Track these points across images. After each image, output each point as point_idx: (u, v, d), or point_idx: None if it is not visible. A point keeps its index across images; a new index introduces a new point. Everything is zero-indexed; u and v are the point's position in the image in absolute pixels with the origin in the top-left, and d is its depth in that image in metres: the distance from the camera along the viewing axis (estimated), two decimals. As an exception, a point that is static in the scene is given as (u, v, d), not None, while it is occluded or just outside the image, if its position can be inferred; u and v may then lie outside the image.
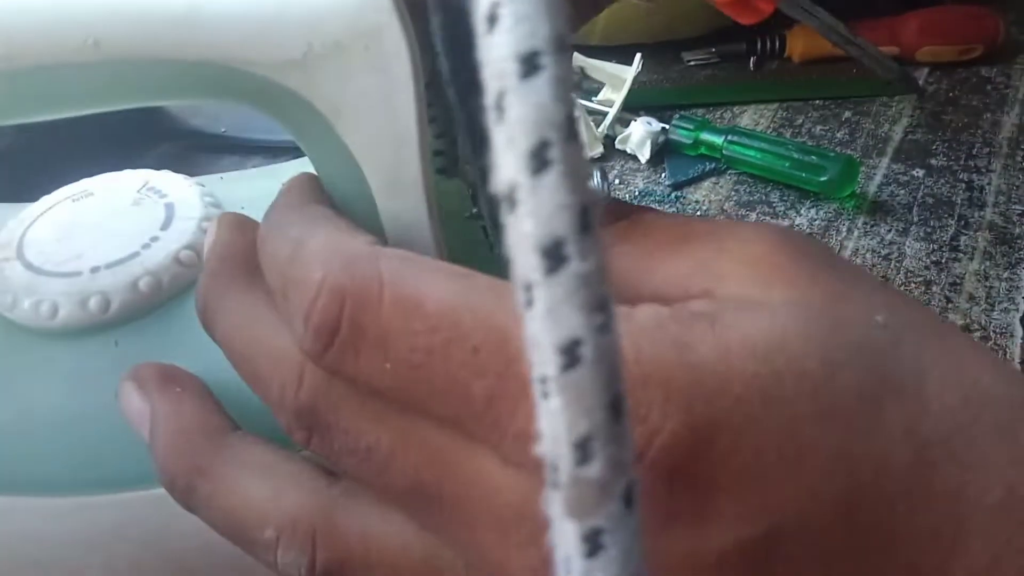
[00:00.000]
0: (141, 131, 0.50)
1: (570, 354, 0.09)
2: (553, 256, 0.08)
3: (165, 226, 0.26)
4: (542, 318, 0.09)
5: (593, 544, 0.09)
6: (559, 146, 0.08)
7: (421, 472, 0.15)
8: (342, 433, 0.16)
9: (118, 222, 0.26)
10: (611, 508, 0.09)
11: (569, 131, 0.08)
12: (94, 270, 0.24)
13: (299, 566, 0.17)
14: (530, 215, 0.08)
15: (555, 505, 0.09)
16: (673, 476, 0.13)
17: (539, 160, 0.08)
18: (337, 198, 0.20)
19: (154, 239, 0.25)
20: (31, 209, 0.27)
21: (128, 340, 0.24)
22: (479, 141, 0.17)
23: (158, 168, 0.29)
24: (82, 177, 0.28)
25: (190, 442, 0.18)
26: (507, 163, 0.08)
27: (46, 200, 0.27)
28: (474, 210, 0.19)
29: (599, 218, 0.09)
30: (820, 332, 0.14)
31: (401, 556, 0.17)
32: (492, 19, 0.08)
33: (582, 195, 0.08)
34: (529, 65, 0.08)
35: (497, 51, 0.08)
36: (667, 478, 0.13)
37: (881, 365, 0.14)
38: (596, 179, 0.18)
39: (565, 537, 0.09)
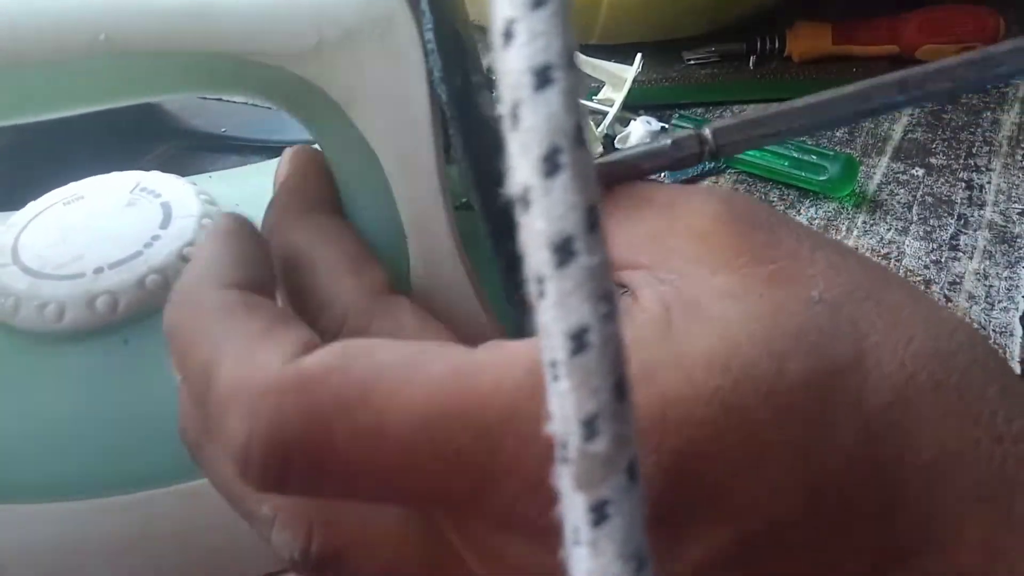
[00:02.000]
0: (140, 131, 0.50)
1: (578, 340, 0.09)
2: (563, 251, 0.09)
3: (165, 224, 0.26)
4: (553, 307, 0.09)
5: (600, 514, 0.10)
6: (569, 152, 0.09)
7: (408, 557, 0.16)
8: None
9: (115, 223, 0.26)
10: (616, 480, 0.10)
11: (578, 138, 0.09)
12: (97, 271, 0.24)
13: (292, 549, 0.16)
14: (542, 215, 0.09)
15: (564, 479, 0.10)
16: (653, 512, 0.13)
17: (551, 164, 0.09)
18: (348, 187, 0.20)
19: (155, 238, 0.25)
20: (19, 215, 0.27)
21: (137, 338, 0.24)
22: (470, 136, 0.18)
23: (159, 168, 0.29)
24: (81, 178, 0.28)
25: None
26: (521, 167, 0.09)
27: (34, 205, 0.27)
28: (463, 200, 0.19)
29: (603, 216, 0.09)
30: (764, 327, 0.14)
31: (400, 546, 0.16)
32: (508, 35, 0.09)
33: (589, 196, 0.09)
34: (542, 78, 0.09)
35: (513, 64, 0.09)
36: (650, 515, 0.13)
37: (822, 346, 0.14)
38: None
39: (574, 509, 0.10)
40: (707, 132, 0.18)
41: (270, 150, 0.49)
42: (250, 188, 0.29)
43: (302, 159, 0.21)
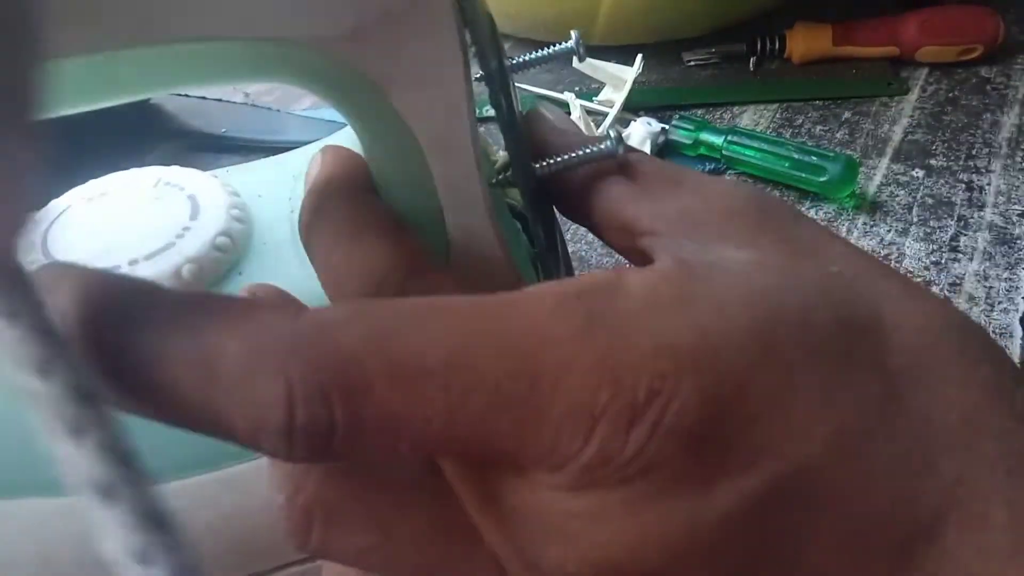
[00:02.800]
0: (140, 131, 0.50)
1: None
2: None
3: (194, 216, 0.26)
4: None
5: None
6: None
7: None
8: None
9: (143, 217, 0.26)
10: None
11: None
12: (132, 263, 0.24)
13: (282, 493, 0.15)
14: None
15: None
16: (688, 442, 0.13)
17: None
18: (384, 169, 0.20)
19: (186, 229, 0.25)
20: (42, 213, 0.27)
21: None
22: (510, 113, 0.19)
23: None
24: (83, 178, 0.28)
25: None
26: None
27: (56, 203, 0.27)
28: (499, 176, 0.20)
29: None
30: (789, 284, 0.15)
31: (399, 506, 0.16)
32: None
33: None
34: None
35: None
36: (682, 445, 0.13)
37: (844, 304, 0.15)
38: (611, 142, 0.19)
39: None
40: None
41: (270, 150, 0.49)
42: (267, 180, 0.29)
43: (337, 152, 0.21)
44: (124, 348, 0.13)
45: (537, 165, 0.19)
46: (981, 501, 0.14)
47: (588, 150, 0.19)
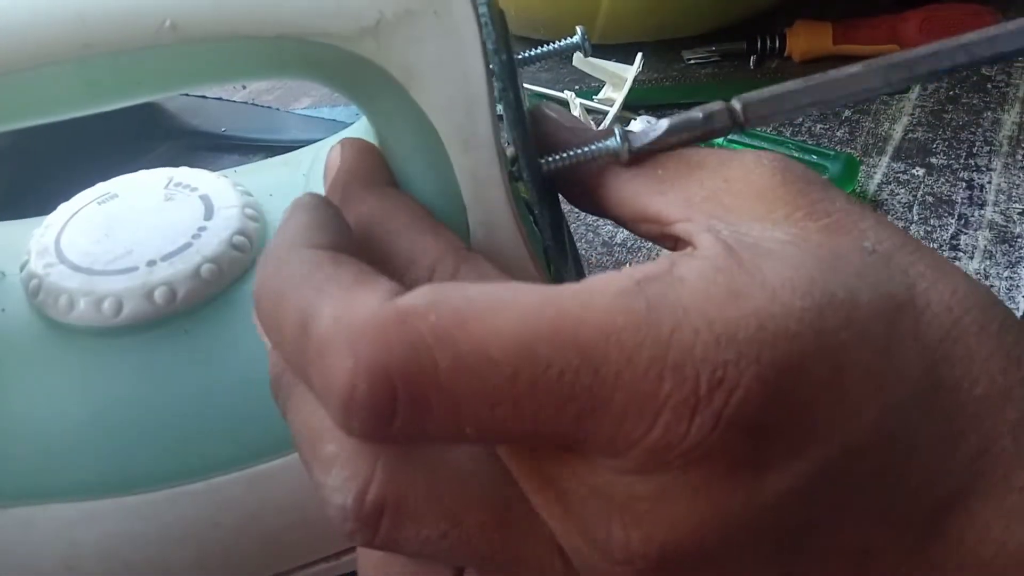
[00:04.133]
0: (141, 131, 0.50)
1: None
2: None
3: (208, 216, 0.26)
4: None
5: None
6: None
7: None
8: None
9: (157, 218, 0.26)
10: None
11: None
12: (151, 264, 0.24)
13: (347, 493, 0.15)
14: None
15: None
16: (747, 430, 0.14)
17: None
18: (405, 164, 0.20)
19: (202, 229, 0.26)
20: (53, 217, 0.27)
21: (197, 327, 0.24)
22: (519, 108, 0.19)
23: (159, 167, 0.29)
24: (84, 179, 0.28)
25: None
26: None
27: (66, 207, 0.27)
28: (511, 168, 0.20)
29: None
30: (830, 266, 0.15)
31: (466, 497, 0.16)
32: None
33: None
34: None
35: None
36: (742, 433, 0.14)
37: (883, 283, 0.15)
38: (616, 139, 0.19)
39: None
40: (736, 104, 0.19)
41: (270, 149, 0.49)
42: (277, 179, 0.29)
43: (356, 144, 0.21)
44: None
45: (543, 160, 0.19)
46: (1004, 466, 0.15)
47: (593, 147, 0.19)
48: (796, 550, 0.15)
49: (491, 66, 0.19)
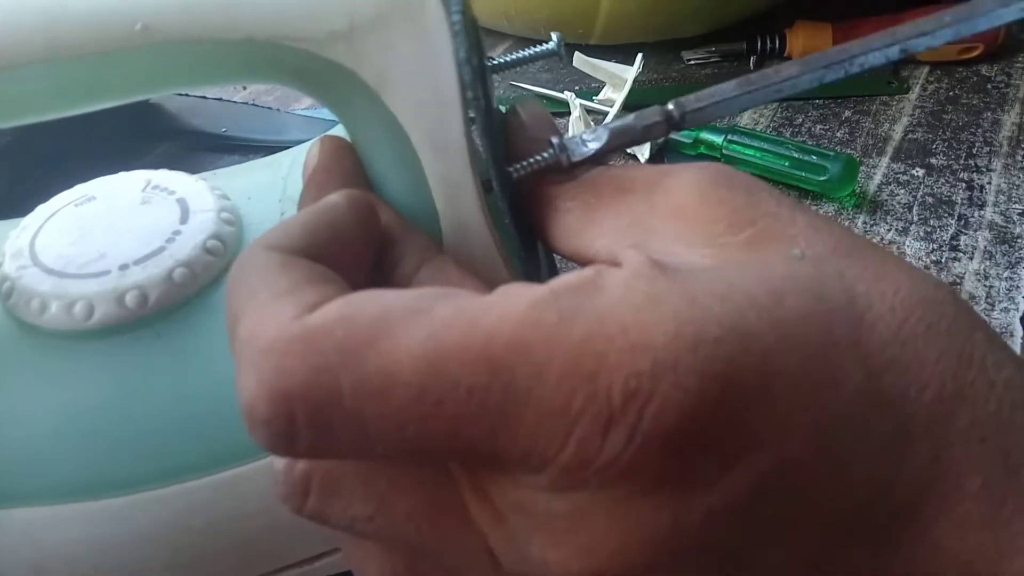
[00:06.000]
0: (140, 131, 0.50)
1: None
2: None
3: (184, 220, 0.26)
4: None
5: None
6: None
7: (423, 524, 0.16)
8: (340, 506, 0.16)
9: (132, 221, 0.26)
10: None
11: None
12: (123, 267, 0.24)
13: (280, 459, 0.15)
14: None
15: None
16: (668, 444, 0.13)
17: None
18: (378, 168, 0.20)
19: (176, 232, 0.25)
20: (29, 219, 0.27)
21: (169, 331, 0.24)
22: (489, 115, 0.19)
23: (159, 168, 0.29)
24: (84, 179, 0.28)
25: None
26: None
27: (43, 208, 0.27)
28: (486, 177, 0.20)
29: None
30: (752, 274, 0.14)
31: (397, 481, 0.16)
32: None
33: None
34: None
35: None
36: (662, 447, 0.13)
37: (814, 288, 0.14)
38: (554, 147, 0.19)
39: None
40: (670, 104, 0.19)
41: (270, 150, 0.49)
42: (256, 182, 0.29)
43: (333, 144, 0.21)
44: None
45: (511, 168, 0.19)
46: (955, 474, 0.14)
47: (535, 159, 0.19)
48: (741, 568, 0.14)
49: (462, 75, 0.19)
